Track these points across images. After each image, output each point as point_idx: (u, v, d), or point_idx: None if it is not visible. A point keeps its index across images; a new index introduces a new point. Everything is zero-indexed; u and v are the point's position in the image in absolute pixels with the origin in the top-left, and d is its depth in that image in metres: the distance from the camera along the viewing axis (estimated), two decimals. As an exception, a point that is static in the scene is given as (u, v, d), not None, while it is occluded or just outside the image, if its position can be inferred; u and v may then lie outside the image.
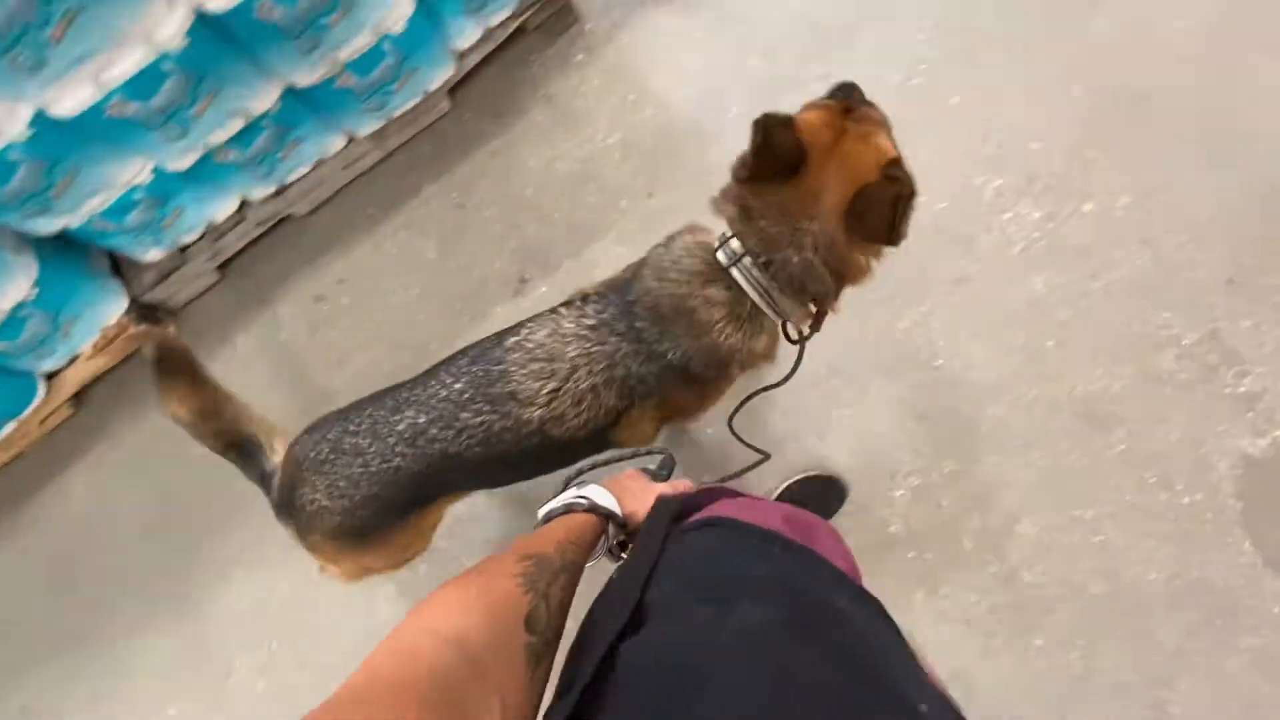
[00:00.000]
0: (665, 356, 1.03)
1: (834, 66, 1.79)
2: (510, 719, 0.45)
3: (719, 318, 1.01)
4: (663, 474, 0.95)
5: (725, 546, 0.64)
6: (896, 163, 0.93)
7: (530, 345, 1.05)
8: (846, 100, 1.03)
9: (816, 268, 0.95)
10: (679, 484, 0.86)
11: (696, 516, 0.71)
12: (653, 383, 1.05)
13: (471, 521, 1.68)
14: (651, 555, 0.60)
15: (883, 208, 0.89)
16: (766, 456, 1.37)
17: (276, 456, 1.16)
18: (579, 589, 0.64)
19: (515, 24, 1.80)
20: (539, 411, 1.03)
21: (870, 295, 1.09)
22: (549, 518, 0.73)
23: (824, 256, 0.95)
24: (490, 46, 1.80)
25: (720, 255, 1.00)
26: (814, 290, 0.99)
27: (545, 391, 1.03)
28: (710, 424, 1.62)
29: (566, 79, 1.91)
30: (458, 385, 1.06)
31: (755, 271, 0.98)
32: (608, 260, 1.78)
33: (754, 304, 1.00)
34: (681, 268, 1.03)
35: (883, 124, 1.01)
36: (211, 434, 1.14)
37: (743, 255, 0.98)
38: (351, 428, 1.08)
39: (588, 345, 1.04)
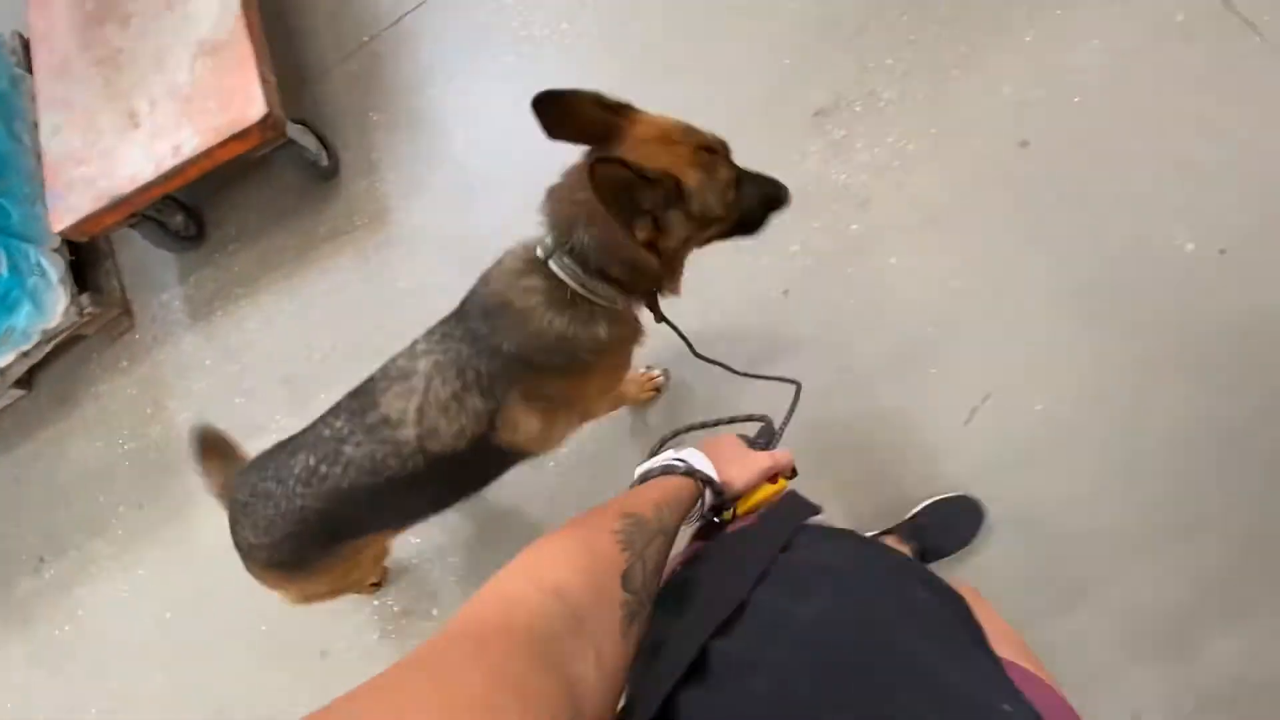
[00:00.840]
0: (502, 350, 1.06)
1: (293, 420, 1.98)
2: (606, 672, 0.45)
3: (535, 303, 1.04)
4: (760, 442, 0.89)
5: (802, 540, 0.65)
6: (666, 174, 0.90)
7: (393, 372, 1.12)
8: (714, 145, 1.02)
9: (601, 249, 0.97)
10: (779, 455, 0.81)
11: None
12: (505, 377, 1.08)
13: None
14: (768, 557, 0.60)
15: (611, 185, 0.85)
16: (798, 384, 1.05)
17: None
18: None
19: (48, 348, 2.09)
20: (413, 430, 1.08)
21: None
22: (645, 478, 0.72)
23: (601, 236, 0.97)
24: (29, 363, 2.12)
25: (538, 251, 1.05)
26: (616, 275, 1.01)
27: (412, 409, 1.07)
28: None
29: (112, 381, 2.19)
30: (339, 422, 1.12)
31: (567, 259, 1.01)
32: (105, 557, 2.07)
33: (574, 291, 1.03)
34: (503, 269, 1.09)
35: (706, 150, 0.99)
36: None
37: (554, 247, 1.02)
38: (266, 473, 1.17)
39: (435, 357, 1.09)
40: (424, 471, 1.09)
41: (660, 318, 1.11)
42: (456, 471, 1.14)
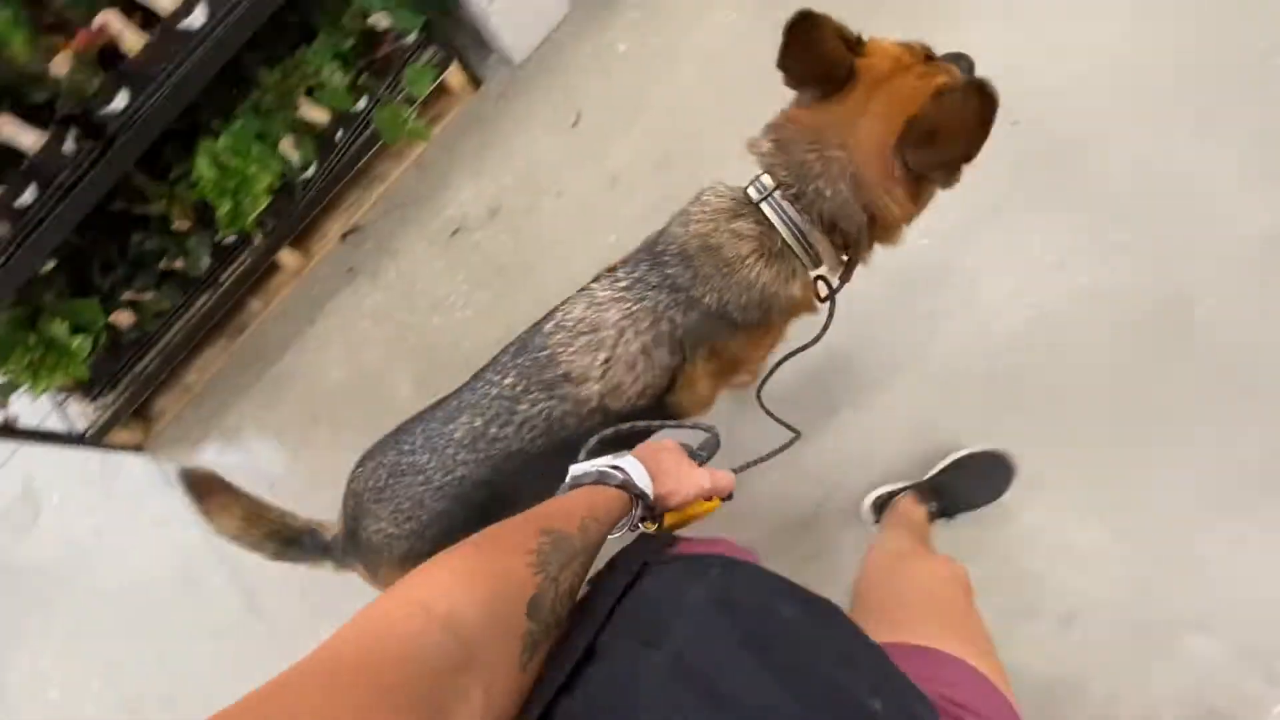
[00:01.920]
0: (703, 302, 1.01)
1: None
2: (494, 711, 0.41)
3: (747, 252, 0.99)
4: (702, 455, 0.87)
5: (659, 581, 0.60)
6: (963, 87, 0.82)
7: (570, 323, 1.04)
8: (931, 52, 0.97)
9: (849, 201, 0.93)
10: (720, 476, 0.79)
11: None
12: (698, 331, 1.03)
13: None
14: (611, 602, 0.55)
15: (951, 123, 0.83)
16: (798, 435, 1.12)
17: (331, 531, 1.17)
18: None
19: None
20: (596, 386, 1.02)
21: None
22: (578, 482, 0.68)
23: (853, 190, 0.93)
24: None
25: (751, 191, 1.00)
26: (845, 229, 0.96)
27: (598, 364, 1.02)
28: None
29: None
30: (508, 380, 1.05)
31: (786, 205, 0.96)
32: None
33: (784, 241, 0.98)
34: (708, 208, 1.03)
35: (954, 73, 0.94)
36: (264, 537, 1.17)
37: (774, 189, 0.97)
38: (405, 447, 1.07)
39: (628, 306, 1.02)
40: (598, 430, 0.99)
41: (833, 294, 1.06)
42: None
